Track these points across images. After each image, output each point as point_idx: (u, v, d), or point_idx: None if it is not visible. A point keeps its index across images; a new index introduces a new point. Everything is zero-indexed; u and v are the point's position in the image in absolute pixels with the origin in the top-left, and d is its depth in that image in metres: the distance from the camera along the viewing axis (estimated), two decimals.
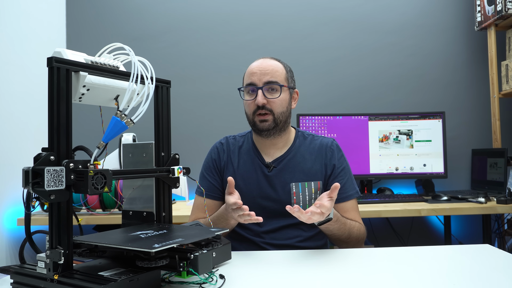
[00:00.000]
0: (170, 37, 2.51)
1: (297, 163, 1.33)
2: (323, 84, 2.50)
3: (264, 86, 1.27)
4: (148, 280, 0.74)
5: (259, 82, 1.27)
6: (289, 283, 0.85)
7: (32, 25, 2.15)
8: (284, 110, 1.30)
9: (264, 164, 1.33)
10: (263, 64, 1.30)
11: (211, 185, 1.35)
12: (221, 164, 1.37)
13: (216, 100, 2.50)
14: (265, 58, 1.33)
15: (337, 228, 1.19)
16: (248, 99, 1.30)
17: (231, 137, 1.43)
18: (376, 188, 2.37)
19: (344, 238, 1.23)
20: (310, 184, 1.30)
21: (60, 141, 0.73)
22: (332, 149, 1.35)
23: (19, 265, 0.81)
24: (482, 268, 0.94)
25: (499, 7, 2.17)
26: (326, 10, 2.53)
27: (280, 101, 1.28)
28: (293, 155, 1.34)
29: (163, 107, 0.96)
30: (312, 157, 1.34)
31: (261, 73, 1.27)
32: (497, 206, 1.87)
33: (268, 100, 1.27)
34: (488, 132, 2.43)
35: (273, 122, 1.28)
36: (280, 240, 1.28)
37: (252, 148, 1.37)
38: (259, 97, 1.26)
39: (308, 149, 1.35)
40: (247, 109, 1.32)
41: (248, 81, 1.30)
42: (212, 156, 1.39)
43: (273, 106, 1.28)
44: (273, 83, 1.27)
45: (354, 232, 1.25)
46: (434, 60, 2.51)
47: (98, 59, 0.84)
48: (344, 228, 1.21)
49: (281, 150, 1.35)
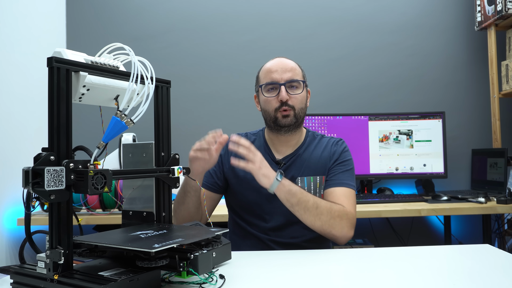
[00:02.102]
0: (170, 37, 2.51)
1: (306, 160, 1.35)
2: (323, 84, 2.49)
3: (286, 83, 1.30)
4: (148, 280, 0.74)
5: (280, 79, 1.30)
6: (289, 283, 0.85)
7: (32, 25, 2.15)
8: (303, 106, 1.35)
9: (274, 161, 1.36)
10: (282, 62, 1.33)
11: (210, 177, 1.38)
12: (228, 159, 1.37)
13: (216, 100, 2.50)
14: (281, 57, 1.37)
15: (288, 192, 1.16)
16: (269, 96, 1.32)
17: (243, 134, 1.45)
18: (376, 188, 2.37)
19: (307, 208, 1.17)
20: (315, 178, 1.33)
21: (60, 141, 0.73)
22: (338, 144, 1.39)
23: (19, 265, 0.81)
24: (482, 268, 0.94)
25: (499, 7, 2.17)
26: (326, 10, 2.53)
27: (301, 97, 1.33)
28: (302, 152, 1.37)
29: (163, 107, 0.95)
30: (320, 153, 1.37)
31: (282, 71, 1.31)
32: (497, 206, 1.87)
33: (290, 96, 1.30)
34: (488, 132, 2.43)
35: (294, 118, 1.31)
36: (285, 239, 1.29)
37: (263, 146, 1.40)
38: (283, 93, 1.29)
39: (317, 147, 1.39)
40: (268, 106, 1.33)
41: (268, 79, 1.32)
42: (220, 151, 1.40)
43: (295, 102, 1.31)
44: (294, 80, 1.31)
45: (322, 202, 1.19)
46: (434, 60, 2.51)
47: (98, 59, 0.84)
48: (300, 195, 1.17)
49: (293, 148, 1.38)
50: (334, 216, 1.18)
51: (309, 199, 1.17)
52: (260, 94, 1.36)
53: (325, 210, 1.18)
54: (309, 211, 1.17)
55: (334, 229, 1.19)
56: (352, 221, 1.23)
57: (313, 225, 1.19)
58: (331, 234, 1.20)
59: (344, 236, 1.21)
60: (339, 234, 1.20)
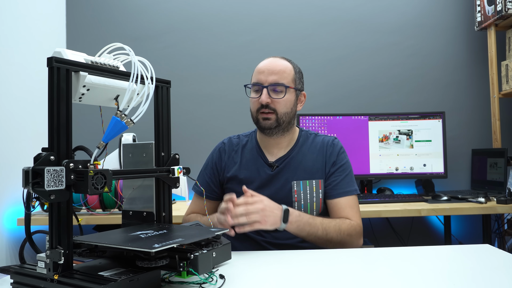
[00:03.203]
0: (170, 37, 2.51)
1: (299, 161, 1.34)
2: (323, 84, 2.50)
3: (269, 86, 1.28)
4: (148, 280, 0.74)
5: (265, 81, 1.29)
6: (289, 283, 0.85)
7: (32, 25, 2.15)
8: (288, 111, 1.31)
9: (267, 163, 1.34)
10: (271, 64, 1.31)
11: (207, 185, 1.38)
12: (222, 165, 1.38)
13: (216, 100, 2.50)
14: (276, 57, 1.34)
15: (297, 228, 1.17)
16: (254, 97, 1.32)
17: (235, 137, 1.44)
18: (376, 188, 2.37)
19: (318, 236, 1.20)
20: (311, 182, 1.31)
21: (60, 141, 0.73)
22: (333, 146, 1.36)
23: (19, 265, 0.81)
24: (482, 268, 0.94)
25: (499, 7, 2.17)
26: (326, 10, 2.53)
27: (284, 101, 1.30)
28: (295, 153, 1.35)
29: (163, 107, 0.96)
30: (314, 155, 1.35)
31: (268, 73, 1.29)
32: (497, 206, 1.87)
33: (272, 100, 1.28)
34: (488, 132, 2.43)
35: (276, 122, 1.29)
36: (281, 240, 1.28)
37: (255, 147, 1.38)
38: (263, 96, 1.27)
39: (310, 148, 1.37)
40: (252, 107, 1.33)
41: (254, 79, 1.32)
42: (214, 157, 1.41)
43: (277, 106, 1.29)
44: (278, 84, 1.28)
45: (331, 226, 1.21)
46: (434, 60, 2.51)
47: (98, 59, 0.84)
48: (309, 228, 1.19)
49: (285, 150, 1.36)
50: (344, 236, 1.22)
51: (318, 229, 1.20)
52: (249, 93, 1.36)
53: (334, 234, 1.21)
54: (319, 239, 1.21)
55: (346, 246, 1.23)
56: (360, 232, 1.28)
57: (325, 247, 1.23)
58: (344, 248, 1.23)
59: (357, 247, 1.26)
60: (352, 247, 1.24)
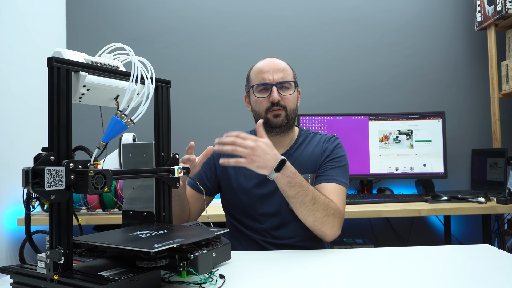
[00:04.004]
0: (170, 37, 2.51)
1: (297, 158, 1.35)
2: (323, 84, 2.50)
3: (278, 83, 1.29)
4: (148, 280, 0.74)
5: (272, 80, 1.30)
6: (289, 283, 0.85)
7: (32, 25, 2.15)
8: (295, 107, 1.34)
9: None
10: (274, 63, 1.32)
11: (200, 178, 1.38)
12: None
13: (216, 100, 2.50)
14: (272, 57, 1.36)
15: (287, 184, 1.12)
16: (261, 97, 1.31)
17: None
18: (376, 188, 2.37)
19: (304, 202, 1.13)
20: (306, 176, 1.31)
21: (60, 141, 0.73)
22: (330, 141, 1.37)
23: (19, 265, 0.81)
24: (482, 268, 0.94)
25: (499, 7, 2.17)
26: (326, 10, 2.53)
27: (292, 98, 1.32)
28: (293, 151, 1.36)
29: (163, 107, 0.95)
30: (312, 151, 1.36)
31: (273, 71, 1.30)
32: (497, 206, 1.87)
33: (282, 97, 1.30)
34: (488, 132, 2.43)
35: (285, 118, 1.30)
36: (281, 240, 1.28)
37: None
38: (274, 94, 1.28)
39: (309, 145, 1.38)
40: (259, 107, 1.32)
41: (260, 79, 1.31)
42: (214, 154, 1.40)
43: (286, 102, 1.30)
44: (286, 81, 1.30)
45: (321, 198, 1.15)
46: (434, 60, 2.51)
47: (98, 59, 0.84)
48: (299, 189, 1.13)
49: (285, 148, 1.37)
50: (329, 214, 1.15)
51: (307, 194, 1.13)
52: (251, 95, 1.35)
53: (321, 206, 1.14)
54: (305, 206, 1.14)
55: (326, 226, 1.16)
56: (342, 220, 1.21)
57: (305, 219, 1.16)
58: (321, 230, 1.17)
59: (333, 234, 1.19)
60: (329, 231, 1.17)
